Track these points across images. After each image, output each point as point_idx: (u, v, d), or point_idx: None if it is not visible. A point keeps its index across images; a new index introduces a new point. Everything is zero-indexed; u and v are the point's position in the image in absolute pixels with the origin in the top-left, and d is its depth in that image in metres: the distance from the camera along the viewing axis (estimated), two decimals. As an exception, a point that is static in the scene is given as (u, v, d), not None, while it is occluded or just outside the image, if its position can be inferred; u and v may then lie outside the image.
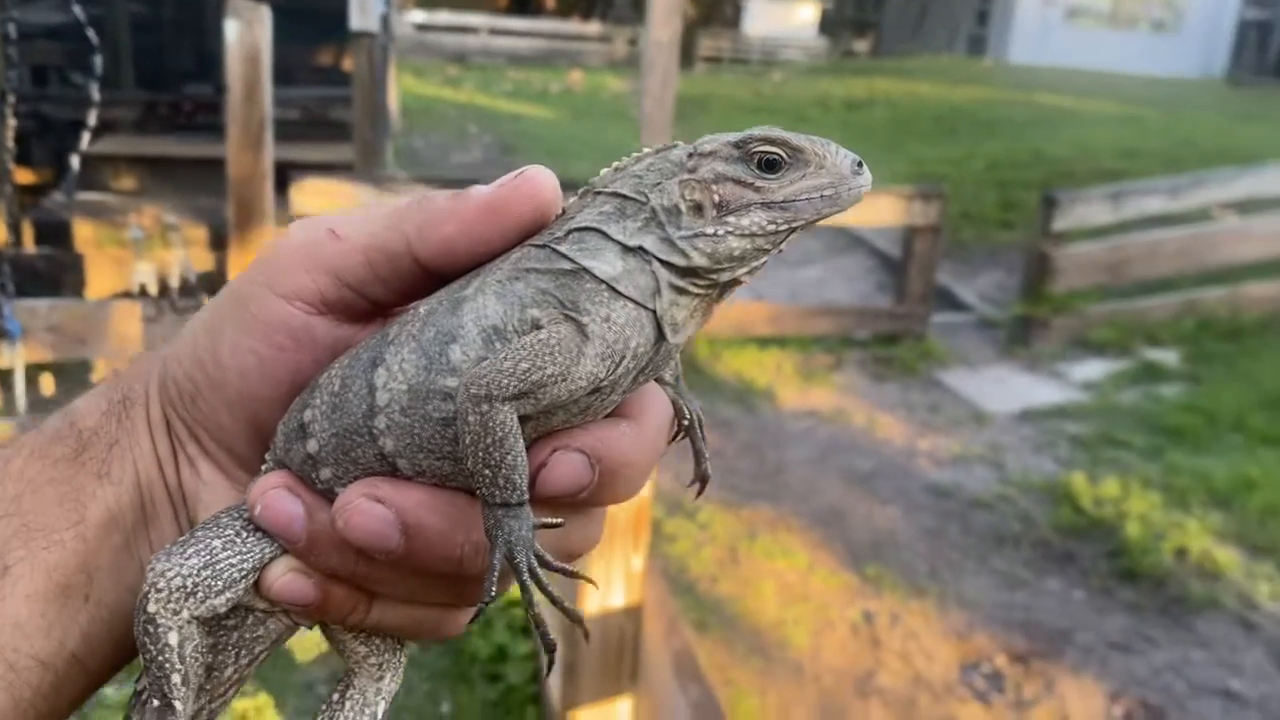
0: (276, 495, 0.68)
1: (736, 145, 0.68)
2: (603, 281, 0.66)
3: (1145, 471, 6.22)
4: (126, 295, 6.70)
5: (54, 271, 7.20)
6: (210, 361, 0.71)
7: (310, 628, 0.75)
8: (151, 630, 0.67)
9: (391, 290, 0.70)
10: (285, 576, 0.69)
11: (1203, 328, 8.80)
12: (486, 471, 0.62)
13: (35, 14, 8.79)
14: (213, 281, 6.89)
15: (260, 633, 0.73)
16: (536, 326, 0.65)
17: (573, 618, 0.66)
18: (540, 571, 0.63)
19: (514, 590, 0.66)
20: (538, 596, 0.63)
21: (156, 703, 0.68)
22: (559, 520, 0.65)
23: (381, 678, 0.76)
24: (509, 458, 0.62)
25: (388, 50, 10.63)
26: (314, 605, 0.69)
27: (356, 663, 0.76)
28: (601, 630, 2.90)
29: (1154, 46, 27.77)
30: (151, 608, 0.66)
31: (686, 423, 0.78)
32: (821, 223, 0.69)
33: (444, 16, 25.96)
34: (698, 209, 0.67)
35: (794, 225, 0.68)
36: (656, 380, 0.73)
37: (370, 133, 8.34)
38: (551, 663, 0.68)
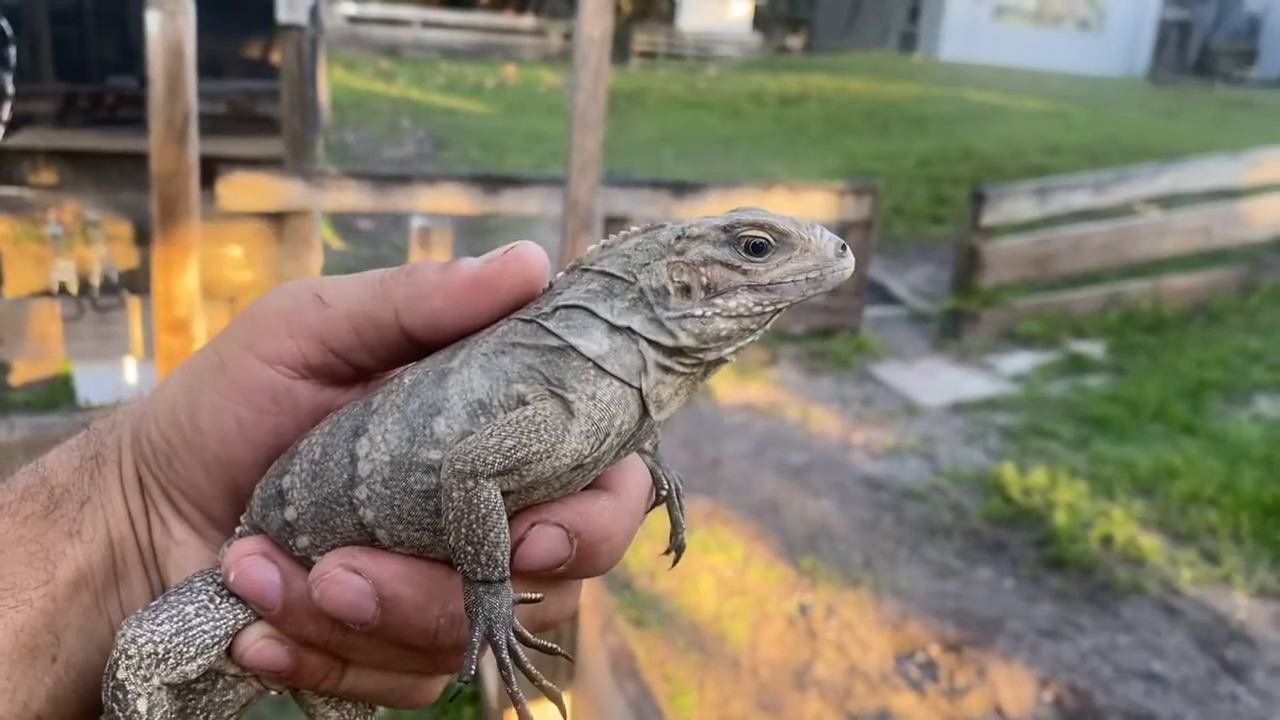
0: (252, 562, 0.67)
1: (724, 229, 0.69)
2: (589, 359, 0.67)
3: (1072, 461, 6.35)
4: (46, 294, 6.52)
5: (-31, 269, 6.97)
6: (188, 423, 0.69)
7: (280, 693, 0.74)
8: (120, 697, 0.65)
9: (376, 357, 0.70)
10: (259, 643, 0.68)
11: (1127, 320, 9.01)
12: (469, 548, 0.62)
13: (-53, 3, 8.51)
14: (135, 279, 6.73)
15: (230, 697, 0.72)
16: (522, 402, 0.65)
17: (551, 696, 0.65)
18: (519, 648, 0.64)
19: None
20: (516, 674, 0.64)
21: None
22: (538, 596, 0.65)
23: None
24: (492, 534, 0.62)
25: (317, 43, 10.47)
26: (287, 672, 0.69)
27: None
28: (537, 629, 2.88)
29: (1078, 45, 28.40)
30: (121, 674, 0.65)
31: (665, 492, 0.78)
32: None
33: (375, 9, 25.67)
34: (685, 291, 0.68)
35: (779, 306, 0.69)
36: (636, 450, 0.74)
37: (299, 127, 8.20)
38: None
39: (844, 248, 0.70)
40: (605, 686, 2.77)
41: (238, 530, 0.71)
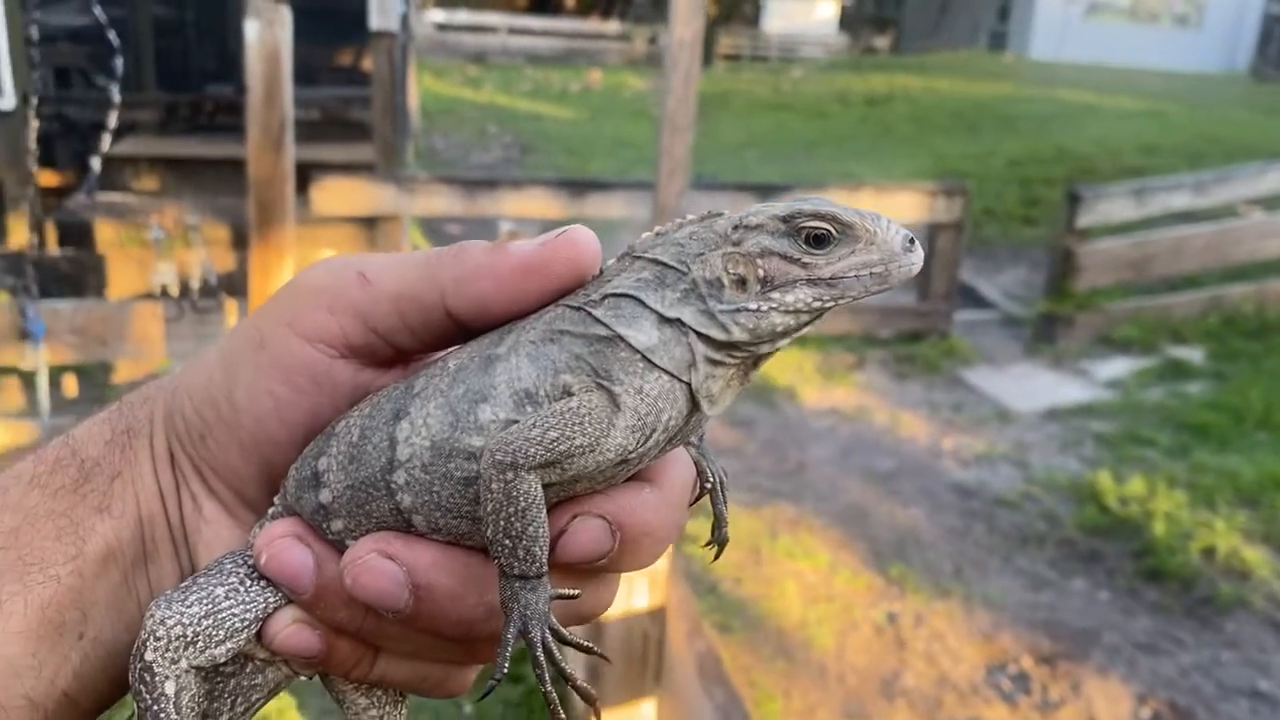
0: (285, 545, 0.66)
1: (784, 219, 0.66)
2: (638, 351, 0.64)
3: (1171, 470, 6.15)
4: (148, 296, 6.73)
5: (76, 273, 7.24)
6: (224, 400, 0.68)
7: (310, 678, 0.73)
8: (148, 679, 0.65)
9: (418, 339, 0.68)
10: (290, 628, 0.67)
11: (1228, 325, 8.70)
12: (507, 541, 0.60)
13: (57, 16, 8.84)
14: (233, 282, 6.92)
15: (258, 681, 0.71)
16: (568, 393, 0.63)
17: (585, 697, 0.63)
18: (555, 648, 0.62)
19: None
20: (550, 672, 0.62)
21: None
22: (576, 592, 0.63)
23: None
24: (530, 529, 0.60)
25: (407, 50, 10.64)
26: (318, 658, 0.67)
27: (356, 714, 0.74)
28: (625, 632, 2.88)
29: (1176, 41, 27.57)
30: (149, 656, 0.64)
31: (710, 485, 0.75)
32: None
33: (463, 16, 26.02)
34: (741, 283, 0.65)
35: (840, 301, 0.66)
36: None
37: (390, 133, 8.35)
38: None
39: (912, 241, 0.67)
40: (693, 691, 2.76)
41: (270, 512, 0.70)
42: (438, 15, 25.50)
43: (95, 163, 6.86)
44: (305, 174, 6.58)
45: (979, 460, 6.47)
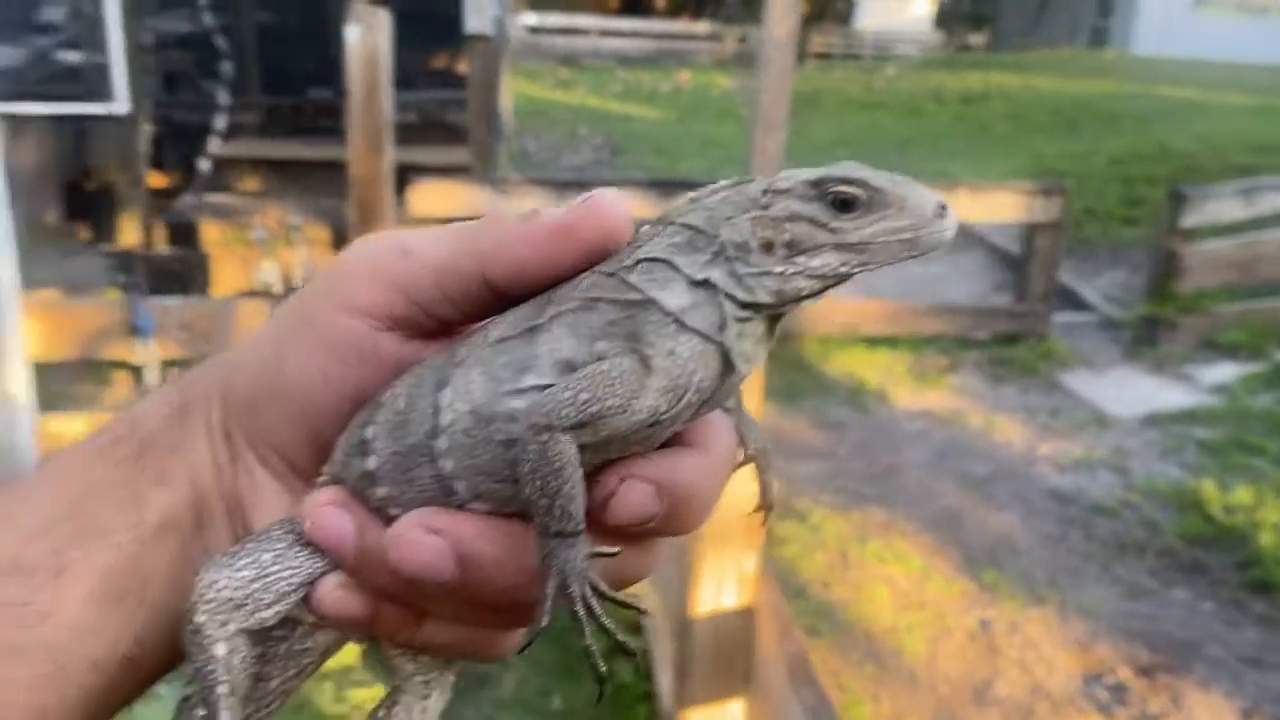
0: (328, 512, 0.68)
1: (813, 184, 0.65)
2: (669, 314, 0.65)
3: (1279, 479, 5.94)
4: (251, 294, 6.93)
5: (183, 271, 7.49)
6: (274, 374, 0.71)
7: (359, 642, 0.74)
8: (199, 641, 0.66)
9: (459, 310, 0.70)
10: (335, 593, 0.68)
11: (1342, 329, 8.36)
12: (544, 501, 0.61)
13: (168, 23, 9.16)
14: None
15: (309, 645, 0.73)
16: (601, 359, 0.65)
17: (625, 650, 0.64)
18: (594, 601, 0.62)
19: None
20: (590, 627, 0.63)
21: (202, 712, 0.68)
22: (615, 550, 0.64)
23: (428, 696, 0.75)
24: (566, 487, 0.61)
25: (501, 53, 10.78)
26: (363, 622, 0.69)
27: (404, 679, 0.75)
28: (714, 631, 2.89)
29: (1289, 34, 26.50)
30: (199, 619, 0.66)
31: (751, 451, 0.76)
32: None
33: (555, 19, 26.25)
34: (768, 247, 0.65)
35: (867, 267, 0.65)
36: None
37: (485, 135, 8.47)
38: (602, 694, 0.67)
39: (944, 208, 0.65)
40: (782, 692, 2.75)
41: (319, 480, 0.72)
42: (530, 18, 25.76)
43: (204, 165, 7.09)
44: (402, 176, 6.71)
45: (1076, 466, 6.32)
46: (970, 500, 5.91)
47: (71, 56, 7.44)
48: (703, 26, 28.19)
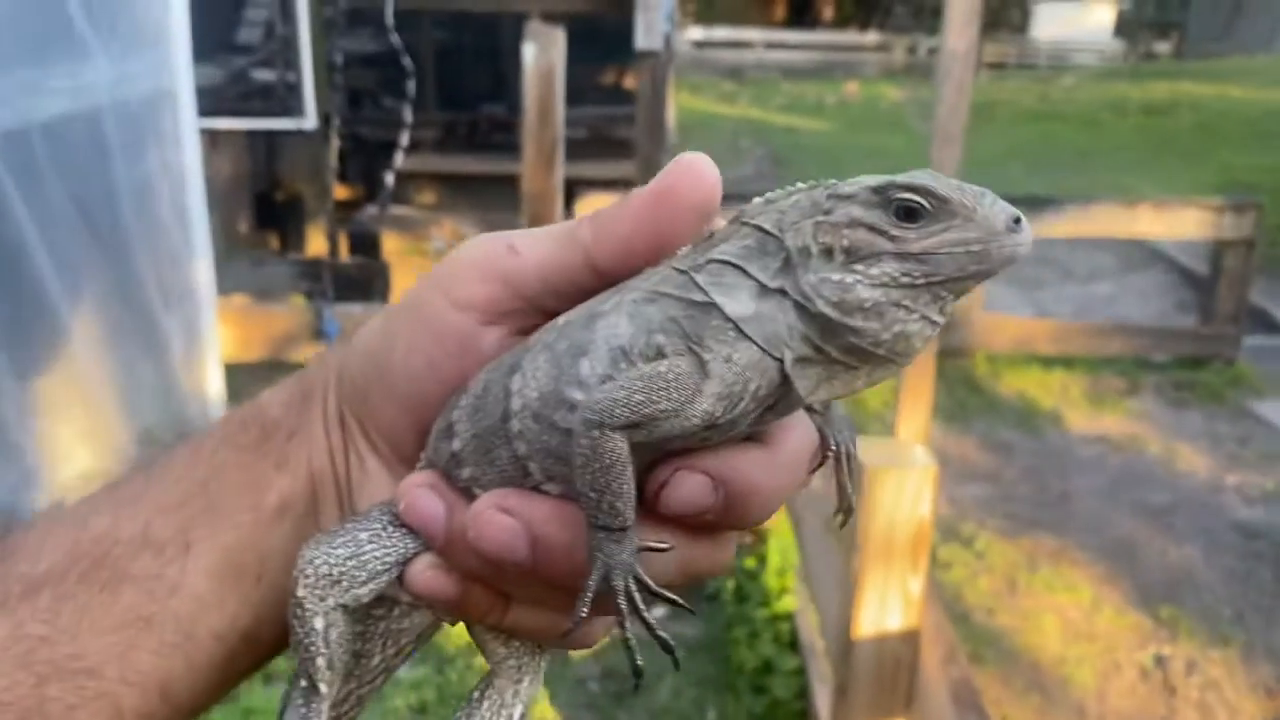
0: (420, 493, 0.70)
1: (876, 190, 0.63)
2: (730, 320, 0.64)
3: None
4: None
5: (365, 279, 7.84)
6: (383, 363, 0.74)
7: (453, 624, 0.77)
8: (299, 614, 0.70)
9: (564, 303, 0.71)
10: (427, 573, 0.70)
11: None
12: (592, 494, 0.62)
13: (355, 43, 9.62)
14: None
15: (406, 625, 0.76)
16: (660, 354, 0.64)
17: (665, 647, 0.64)
18: (638, 597, 0.63)
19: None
20: (631, 622, 0.63)
21: (304, 683, 0.72)
22: (666, 545, 0.64)
23: (520, 680, 0.77)
24: (614, 484, 0.61)
25: (668, 68, 10.90)
26: (453, 602, 0.70)
27: (497, 663, 0.76)
28: (876, 652, 2.85)
29: None
30: (300, 593, 0.69)
31: (831, 452, 0.73)
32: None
33: (721, 32, 26.34)
34: (828, 253, 0.64)
35: (933, 281, 0.62)
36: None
37: (651, 149, 8.56)
38: (638, 686, 0.66)
39: (1018, 221, 0.62)
40: (945, 718, 2.69)
41: (418, 465, 0.74)
42: (695, 33, 25.92)
43: (388, 178, 7.41)
44: (569, 190, 6.85)
45: (1267, 499, 5.96)
46: (1147, 531, 5.64)
47: (265, 75, 7.89)
48: (871, 37, 27.81)
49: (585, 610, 0.63)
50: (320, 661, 0.70)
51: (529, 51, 5.24)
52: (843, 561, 3.16)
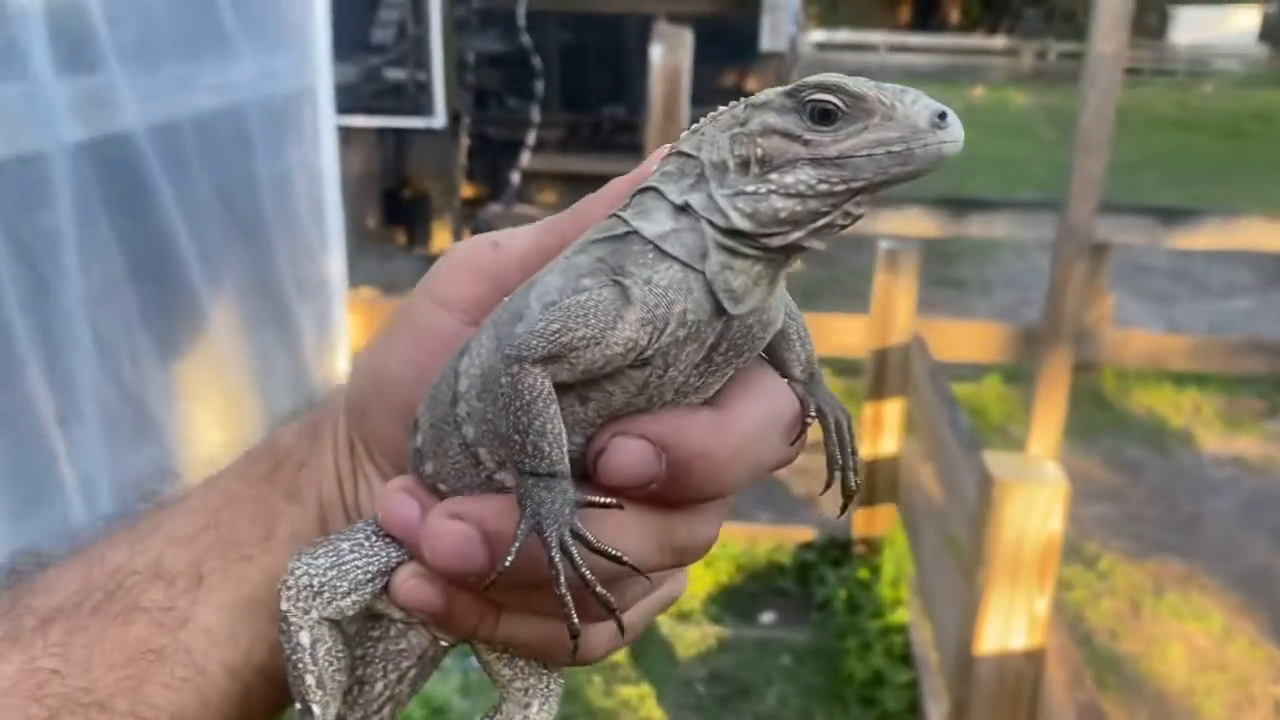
0: (396, 498, 0.68)
1: (789, 94, 0.60)
2: (649, 241, 0.61)
3: None
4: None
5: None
6: (378, 373, 0.73)
7: (453, 643, 0.74)
8: (285, 629, 0.68)
9: None
10: (410, 581, 0.68)
11: None
12: (516, 436, 0.59)
13: (484, 43, 9.80)
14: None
15: (403, 646, 0.73)
16: (579, 293, 0.61)
17: (605, 604, 0.59)
18: (575, 550, 0.58)
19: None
20: (563, 573, 0.58)
21: (299, 705, 0.69)
22: (609, 501, 0.59)
23: (529, 705, 0.73)
24: (537, 422, 0.58)
25: (792, 69, 10.83)
26: (441, 613, 0.68)
27: (503, 686, 0.74)
28: (999, 671, 2.78)
29: None
30: (284, 606, 0.67)
31: (812, 418, 0.67)
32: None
33: (844, 35, 26.06)
34: (744, 165, 0.60)
35: (852, 185, 0.58)
36: (783, 375, 0.67)
37: (772, 150, 8.52)
38: (576, 648, 0.60)
39: (943, 116, 0.58)
40: (1070, 744, 2.61)
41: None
42: (819, 35, 25.69)
43: (514, 177, 7.51)
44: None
45: None
46: (1286, 559, 5.39)
47: (397, 74, 8.10)
48: (999, 41, 27.17)
49: (509, 561, 0.59)
50: (309, 680, 0.68)
51: (656, 51, 5.26)
52: (961, 576, 3.10)
